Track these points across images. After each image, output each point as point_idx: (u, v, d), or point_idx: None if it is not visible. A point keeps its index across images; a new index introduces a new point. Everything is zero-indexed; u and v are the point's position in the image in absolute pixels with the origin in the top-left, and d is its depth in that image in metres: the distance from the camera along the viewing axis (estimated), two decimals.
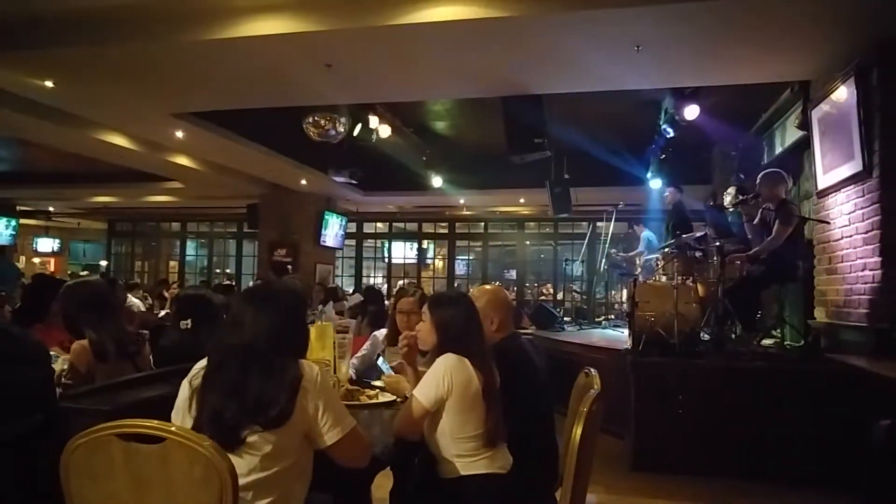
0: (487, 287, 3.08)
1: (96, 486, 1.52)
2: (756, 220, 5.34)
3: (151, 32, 4.74)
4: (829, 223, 5.06)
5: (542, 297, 14.66)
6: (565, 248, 14.45)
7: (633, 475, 4.48)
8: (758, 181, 5.31)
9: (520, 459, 2.34)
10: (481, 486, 2.23)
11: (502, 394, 2.32)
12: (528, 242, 15.34)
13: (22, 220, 15.07)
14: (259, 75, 5.52)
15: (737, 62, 5.08)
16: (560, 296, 14.78)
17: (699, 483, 4.25)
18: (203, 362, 1.85)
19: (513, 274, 15.53)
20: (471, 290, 3.16)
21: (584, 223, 13.17)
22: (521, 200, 12.72)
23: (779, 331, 5.37)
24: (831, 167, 5.00)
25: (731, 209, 6.61)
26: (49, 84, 5.80)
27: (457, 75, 5.51)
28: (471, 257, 16.19)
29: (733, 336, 5.28)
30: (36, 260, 18.33)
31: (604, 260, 8.85)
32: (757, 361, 4.64)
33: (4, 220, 13.56)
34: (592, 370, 2.42)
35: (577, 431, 2.01)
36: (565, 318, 8.63)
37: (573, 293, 14.16)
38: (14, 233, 14.04)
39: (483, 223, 15.26)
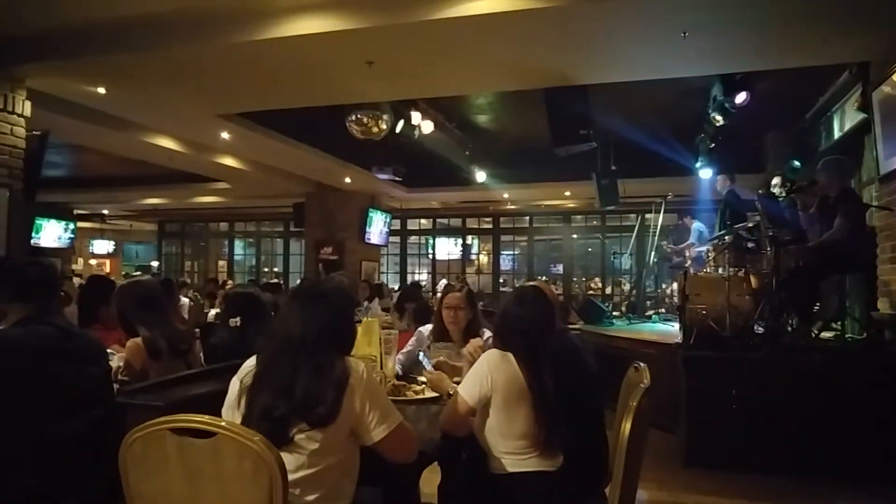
0: (535, 285, 3.04)
1: (152, 478, 1.56)
2: (812, 210, 5.15)
3: (196, 36, 4.83)
4: (892, 210, 4.84)
5: (590, 292, 14.48)
6: (613, 242, 14.24)
7: (687, 471, 4.38)
8: (818, 168, 5.11)
9: (570, 456, 2.31)
10: (531, 482, 2.20)
11: (552, 390, 2.28)
12: (574, 236, 15.16)
13: (79, 224, 15.60)
14: (301, 74, 5.57)
15: (789, 46, 4.90)
16: (608, 290, 14.59)
17: (755, 480, 4.13)
18: (252, 360, 1.87)
19: (559, 268, 15.38)
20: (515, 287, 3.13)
21: (632, 215, 12.94)
22: (567, 193, 12.57)
23: (839, 323, 5.17)
24: (895, 151, 4.78)
25: (783, 198, 6.40)
26: (101, 90, 5.99)
27: (499, 68, 5.46)
28: (516, 252, 16.09)
29: (790, 329, 5.10)
30: (92, 262, 18.98)
31: (653, 252, 8.69)
32: (815, 355, 4.48)
33: (63, 223, 14.06)
34: (642, 364, 2.37)
35: (627, 426, 1.97)
36: (614, 313, 8.50)
37: (622, 287, 13.98)
38: (73, 236, 14.55)
39: (528, 217, 15.15)
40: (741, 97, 6.01)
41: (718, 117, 6.64)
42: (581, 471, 2.35)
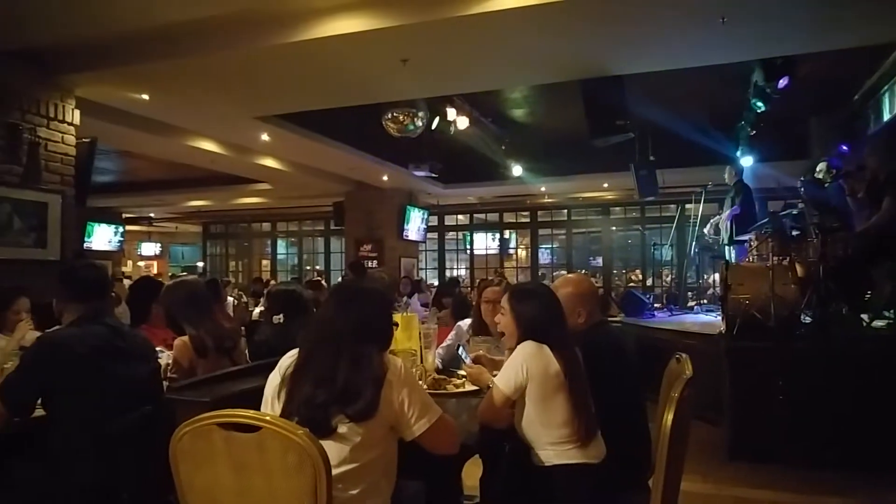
0: (571, 276, 3.03)
1: (201, 472, 1.60)
2: (861, 194, 4.99)
3: (235, 40, 4.93)
4: None
5: (631, 284, 14.31)
6: (653, 233, 14.04)
7: (732, 464, 4.31)
8: (866, 151, 4.95)
9: (612, 449, 2.30)
10: (573, 475, 2.20)
11: (591, 383, 2.28)
12: (613, 228, 14.98)
13: (127, 227, 16.09)
14: (337, 75, 5.63)
15: (833, 26, 4.75)
16: (649, 281, 14.38)
17: (801, 474, 4.04)
18: (294, 352, 1.92)
19: (599, 261, 15.22)
20: (554, 279, 3.12)
21: (671, 206, 12.73)
22: (605, 185, 12.42)
23: (892, 312, 5.00)
24: None
25: (828, 183, 6.22)
26: (145, 97, 6.16)
27: (534, 62, 5.44)
28: (554, 245, 15.98)
29: (839, 318, 4.96)
30: (140, 263, 19.51)
31: (694, 243, 8.54)
32: (865, 344, 4.35)
33: (112, 227, 14.53)
34: (683, 355, 2.34)
35: (669, 417, 1.95)
36: (655, 304, 8.40)
37: (663, 278, 13.77)
38: (122, 239, 15.03)
39: (566, 210, 15.02)
40: (783, 82, 5.85)
41: (759, 103, 6.49)
42: (624, 463, 2.34)
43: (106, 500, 2.20)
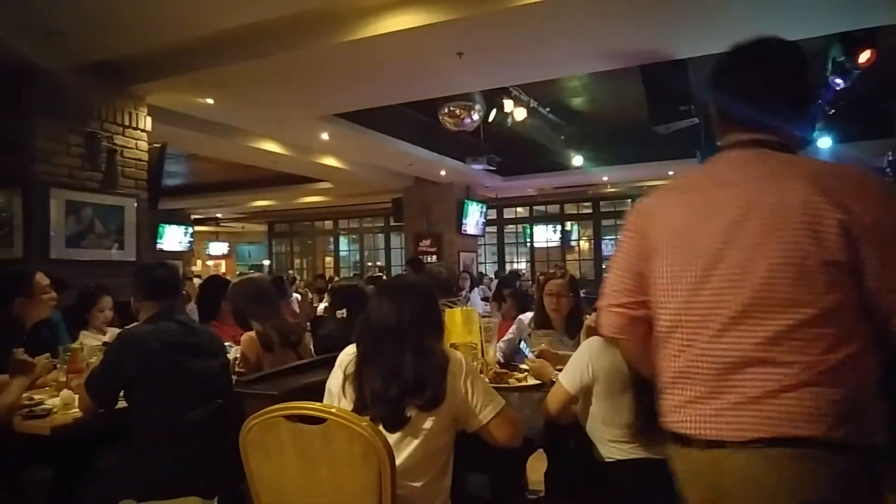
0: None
1: (270, 462, 1.65)
2: None
3: (295, 41, 5.03)
4: None
5: None
6: None
7: None
8: None
9: None
10: (640, 471, 2.15)
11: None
12: None
13: (196, 228, 16.69)
14: (393, 71, 5.67)
15: None
16: None
17: None
18: (351, 349, 1.94)
19: None
20: None
21: None
22: (670, 172, 12.01)
23: None
24: None
25: None
26: (210, 101, 6.37)
27: (593, 49, 5.33)
28: (618, 237, 15.65)
29: None
30: (209, 263, 20.22)
31: None
32: None
33: (182, 228, 15.10)
34: None
35: None
36: None
37: None
38: (191, 239, 15.60)
39: (630, 200, 14.69)
40: (864, 56, 5.50)
41: (838, 80, 6.14)
42: None
43: (183, 487, 2.29)
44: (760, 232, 1.29)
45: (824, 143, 7.72)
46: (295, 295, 8.22)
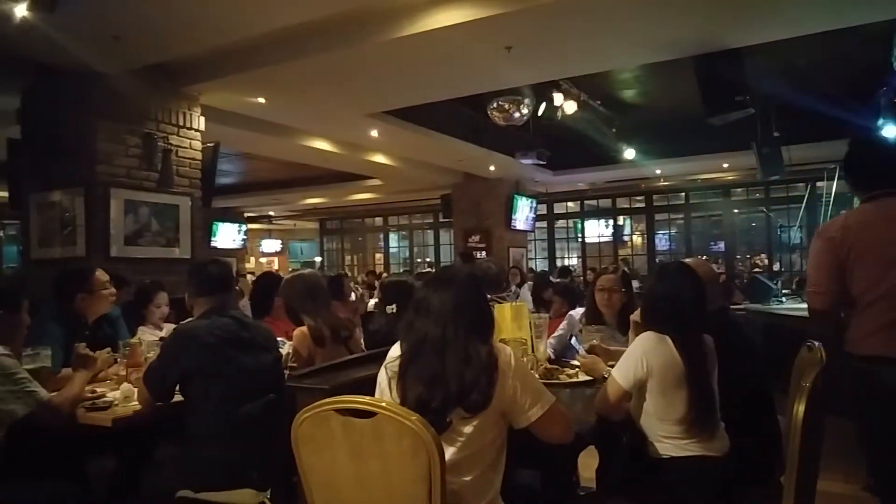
0: (690, 261, 2.88)
1: (321, 455, 1.66)
2: None
3: (344, 39, 5.08)
4: None
5: (756, 269, 13.48)
6: (780, 214, 13.18)
7: None
8: None
9: (737, 442, 2.17)
10: (695, 468, 2.10)
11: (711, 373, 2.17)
12: (735, 210, 14.17)
13: (249, 226, 17.08)
14: (442, 67, 5.67)
15: None
16: (777, 266, 13.49)
17: None
18: (396, 349, 1.91)
19: (721, 246, 14.46)
20: None
21: (800, 185, 11.87)
22: (725, 165, 11.76)
23: None
24: None
25: None
26: (261, 100, 6.49)
27: (644, 40, 5.22)
28: (672, 231, 15.34)
29: None
30: (262, 260, 20.65)
31: None
32: None
33: (236, 225, 15.46)
34: (816, 343, 2.16)
35: (800, 409, 1.81)
36: (784, 290, 7.85)
37: (792, 262, 12.92)
38: (245, 237, 15.97)
39: (683, 193, 14.37)
40: None
41: None
42: (750, 458, 2.20)
43: (237, 479, 2.33)
44: None
45: (890, 131, 7.36)
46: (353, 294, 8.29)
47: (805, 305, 2.67)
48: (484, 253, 11.85)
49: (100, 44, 4.84)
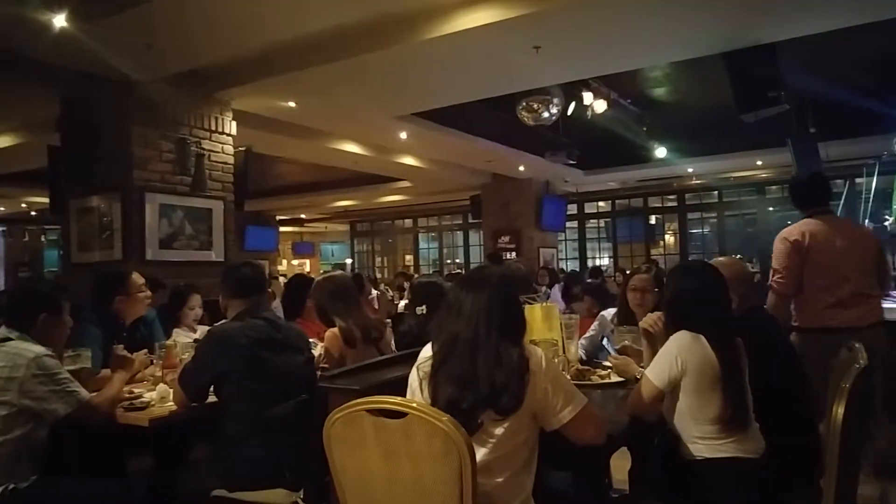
0: (722, 260, 2.84)
1: (353, 455, 1.67)
2: None
3: (373, 43, 5.10)
4: None
5: None
6: None
7: None
8: None
9: (774, 443, 2.13)
10: (730, 470, 2.06)
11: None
12: (770, 209, 13.86)
13: (281, 228, 17.27)
14: (471, 68, 5.66)
15: None
16: None
17: None
18: (427, 349, 1.92)
19: (755, 244, 14.17)
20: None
21: (838, 181, 11.56)
22: (759, 162, 11.53)
23: None
24: None
25: None
26: (292, 104, 6.56)
27: (675, 36, 5.15)
28: (705, 230, 15.08)
29: None
30: (294, 262, 20.85)
31: (866, 221, 7.71)
32: None
33: (268, 228, 15.66)
34: (857, 344, 2.11)
35: (839, 410, 1.77)
36: None
37: None
38: (277, 240, 16.16)
39: (716, 192, 14.12)
40: None
41: None
42: (787, 460, 2.16)
43: (271, 479, 2.36)
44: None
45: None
46: (375, 292, 8.35)
47: None
48: (514, 254, 11.81)
49: (134, 52, 4.94)
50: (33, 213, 14.22)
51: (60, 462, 2.45)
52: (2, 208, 13.90)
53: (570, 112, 7.04)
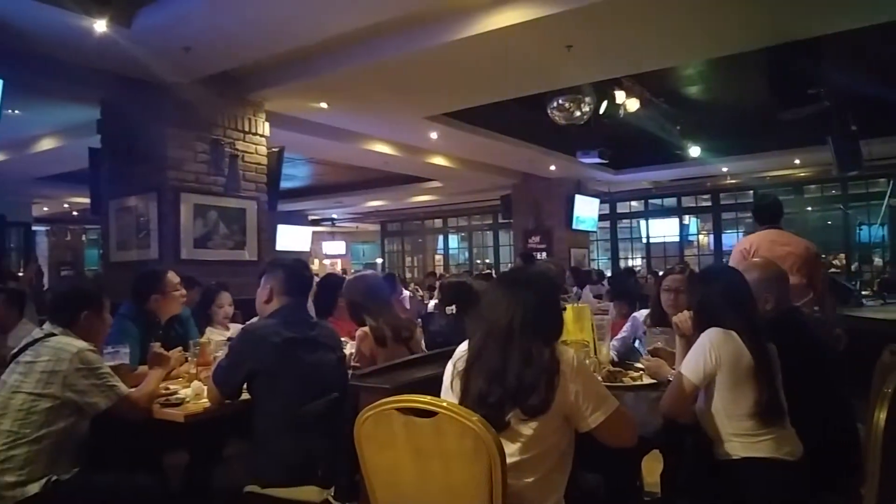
0: (758, 261, 2.79)
1: (383, 454, 1.68)
2: None
3: (404, 43, 5.13)
4: None
5: (832, 270, 12.83)
6: (858, 211, 12.52)
7: None
8: None
9: (811, 446, 2.08)
10: (764, 471, 2.03)
11: (782, 374, 2.10)
12: (809, 208, 13.57)
13: (314, 228, 17.45)
14: (502, 67, 5.65)
15: None
16: (854, 266, 12.85)
17: None
18: (464, 346, 1.93)
19: None
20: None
21: (881, 180, 11.26)
22: (797, 161, 11.29)
23: None
24: None
25: None
26: (324, 105, 6.63)
27: (709, 33, 5.08)
28: (740, 230, 14.79)
29: None
30: (326, 262, 21.04)
31: None
32: None
33: (300, 228, 15.83)
34: None
35: (881, 415, 1.73)
36: (864, 292, 7.47)
37: (873, 262, 12.28)
38: (309, 239, 16.32)
39: (752, 191, 13.82)
40: None
41: None
42: (824, 464, 2.11)
43: (302, 476, 2.38)
44: None
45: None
46: (406, 292, 8.38)
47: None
48: (544, 254, 11.75)
49: (171, 55, 5.04)
50: (75, 213, 14.61)
51: (100, 456, 2.50)
52: (45, 209, 14.29)
53: (602, 111, 6.97)
